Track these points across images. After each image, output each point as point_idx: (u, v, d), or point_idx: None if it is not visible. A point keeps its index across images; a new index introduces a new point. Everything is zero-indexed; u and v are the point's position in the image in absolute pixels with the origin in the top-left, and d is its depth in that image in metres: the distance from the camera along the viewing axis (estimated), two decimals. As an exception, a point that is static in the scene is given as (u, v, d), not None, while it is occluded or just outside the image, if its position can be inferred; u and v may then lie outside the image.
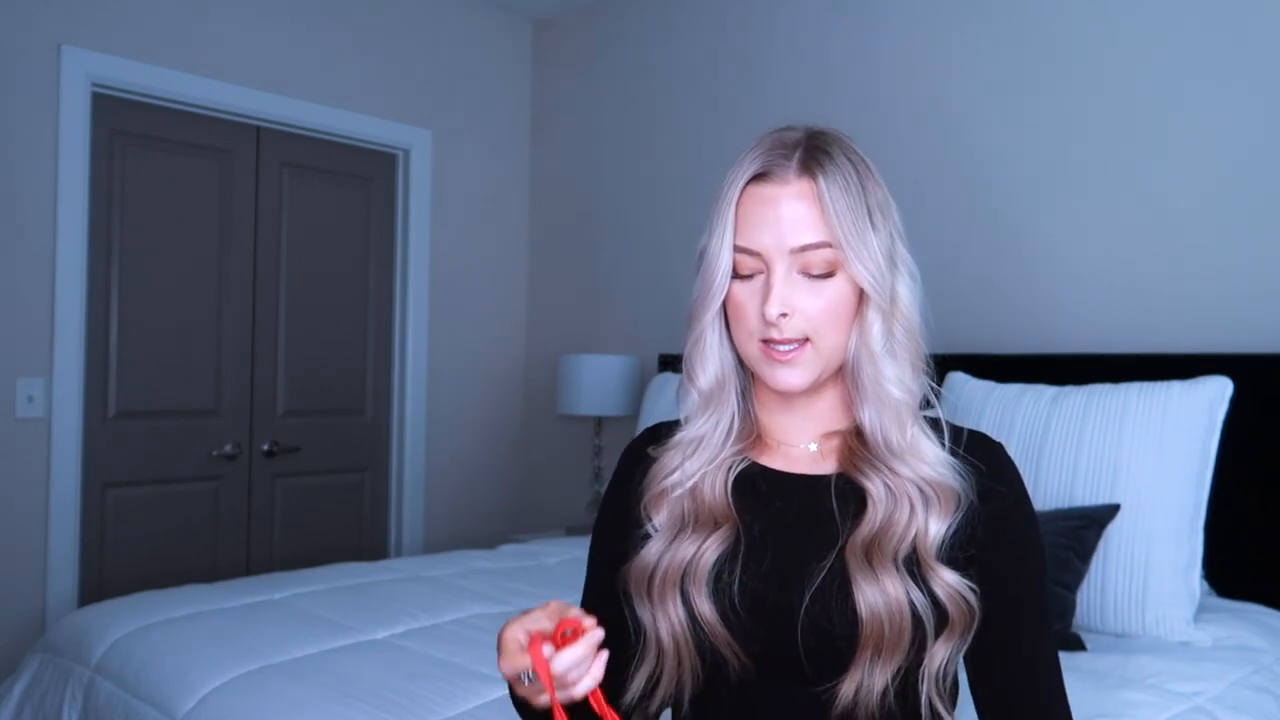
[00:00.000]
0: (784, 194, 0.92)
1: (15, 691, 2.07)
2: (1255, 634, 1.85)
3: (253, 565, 3.23)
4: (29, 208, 2.74)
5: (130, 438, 2.98)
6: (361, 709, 1.55)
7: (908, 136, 2.79)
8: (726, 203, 0.95)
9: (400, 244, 3.62)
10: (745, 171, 0.94)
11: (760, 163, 0.94)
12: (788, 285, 0.92)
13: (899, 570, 0.89)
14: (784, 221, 0.92)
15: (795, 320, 0.92)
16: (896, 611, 0.88)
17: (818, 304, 0.92)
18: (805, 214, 0.92)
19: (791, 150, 0.94)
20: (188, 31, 3.03)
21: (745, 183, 0.94)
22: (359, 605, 2.15)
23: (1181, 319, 2.33)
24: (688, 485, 0.98)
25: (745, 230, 0.94)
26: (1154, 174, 2.39)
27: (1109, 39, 2.46)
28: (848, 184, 0.92)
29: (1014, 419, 2.12)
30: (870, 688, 0.89)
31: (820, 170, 0.92)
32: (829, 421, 1.00)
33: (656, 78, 3.54)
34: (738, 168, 0.96)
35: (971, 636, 0.92)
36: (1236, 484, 2.03)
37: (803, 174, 0.93)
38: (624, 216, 3.62)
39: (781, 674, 0.93)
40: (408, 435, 3.60)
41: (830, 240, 0.91)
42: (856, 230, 0.91)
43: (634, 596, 0.98)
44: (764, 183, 0.94)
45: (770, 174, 0.93)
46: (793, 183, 0.93)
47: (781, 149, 0.94)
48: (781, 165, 0.93)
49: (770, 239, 0.92)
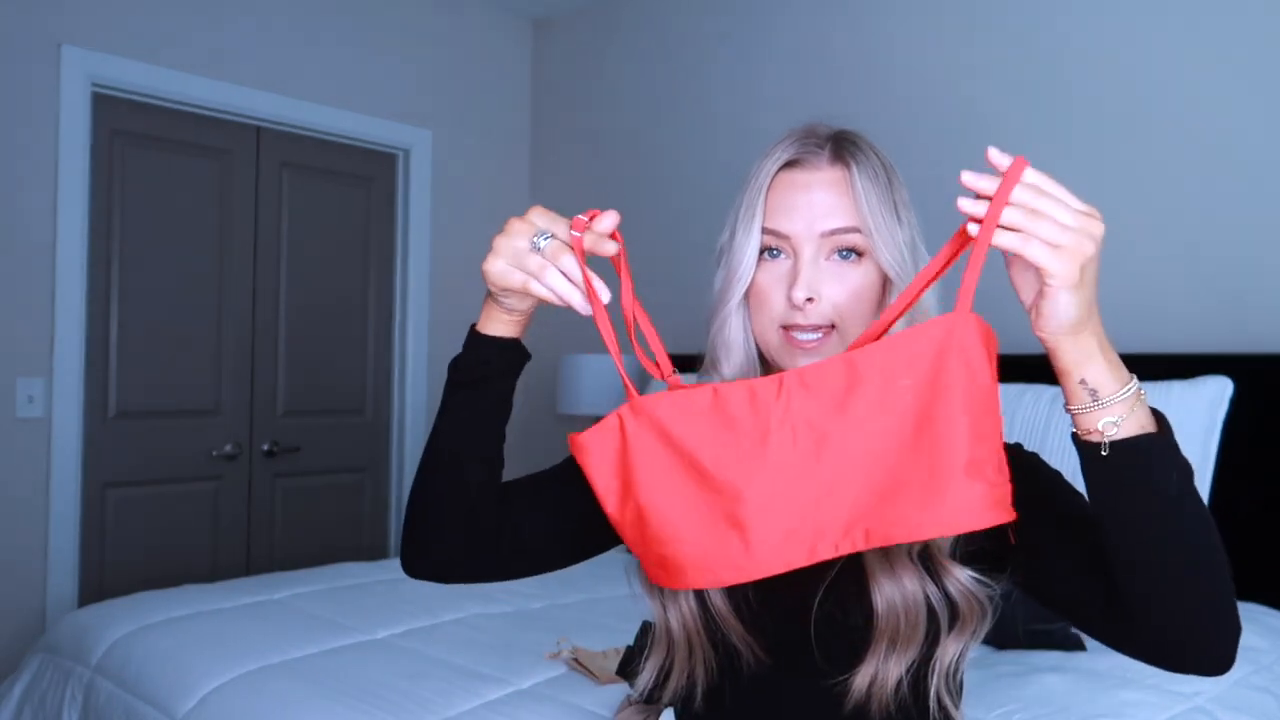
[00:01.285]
0: (816, 179, 0.94)
1: (15, 691, 2.07)
2: (1255, 634, 1.85)
3: (253, 565, 3.23)
4: (29, 208, 2.74)
5: (130, 438, 2.98)
6: (361, 709, 1.55)
7: (908, 135, 2.79)
8: (756, 189, 0.95)
9: (400, 244, 3.62)
10: (777, 159, 0.96)
11: (793, 150, 0.96)
12: (814, 270, 0.92)
13: (914, 564, 0.89)
14: (816, 206, 0.93)
15: (821, 306, 0.92)
16: (913, 606, 0.88)
17: (843, 291, 0.92)
18: (836, 200, 0.93)
19: (824, 141, 0.96)
20: (188, 31, 3.03)
21: (777, 170, 0.95)
22: (359, 605, 2.15)
23: (1181, 319, 2.33)
24: None
25: (775, 214, 0.94)
26: (1154, 174, 2.39)
27: (1109, 39, 2.46)
28: (877, 176, 0.94)
29: (1014, 419, 2.12)
30: (884, 681, 0.89)
31: (853, 159, 0.94)
32: None
33: (656, 77, 3.54)
34: (767, 156, 0.97)
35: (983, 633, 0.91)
36: (1236, 484, 2.03)
37: (835, 162, 0.94)
38: (624, 216, 3.62)
39: (794, 666, 0.93)
40: (408, 435, 3.60)
41: (859, 226, 0.92)
42: (885, 219, 0.93)
43: (643, 585, 0.97)
44: (796, 169, 0.95)
45: (803, 161, 0.95)
46: (825, 169, 0.94)
47: (814, 139, 0.96)
48: (815, 153, 0.95)
49: (801, 222, 0.93)
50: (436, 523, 0.94)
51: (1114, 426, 0.73)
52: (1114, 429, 0.73)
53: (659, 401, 0.80)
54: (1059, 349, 0.74)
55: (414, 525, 0.96)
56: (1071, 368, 0.74)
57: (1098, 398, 0.74)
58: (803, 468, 0.75)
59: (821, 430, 0.75)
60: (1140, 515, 0.74)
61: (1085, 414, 0.75)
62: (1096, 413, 0.74)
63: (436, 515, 0.94)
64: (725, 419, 0.78)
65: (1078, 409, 0.75)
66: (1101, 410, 0.74)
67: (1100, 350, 0.73)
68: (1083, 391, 0.74)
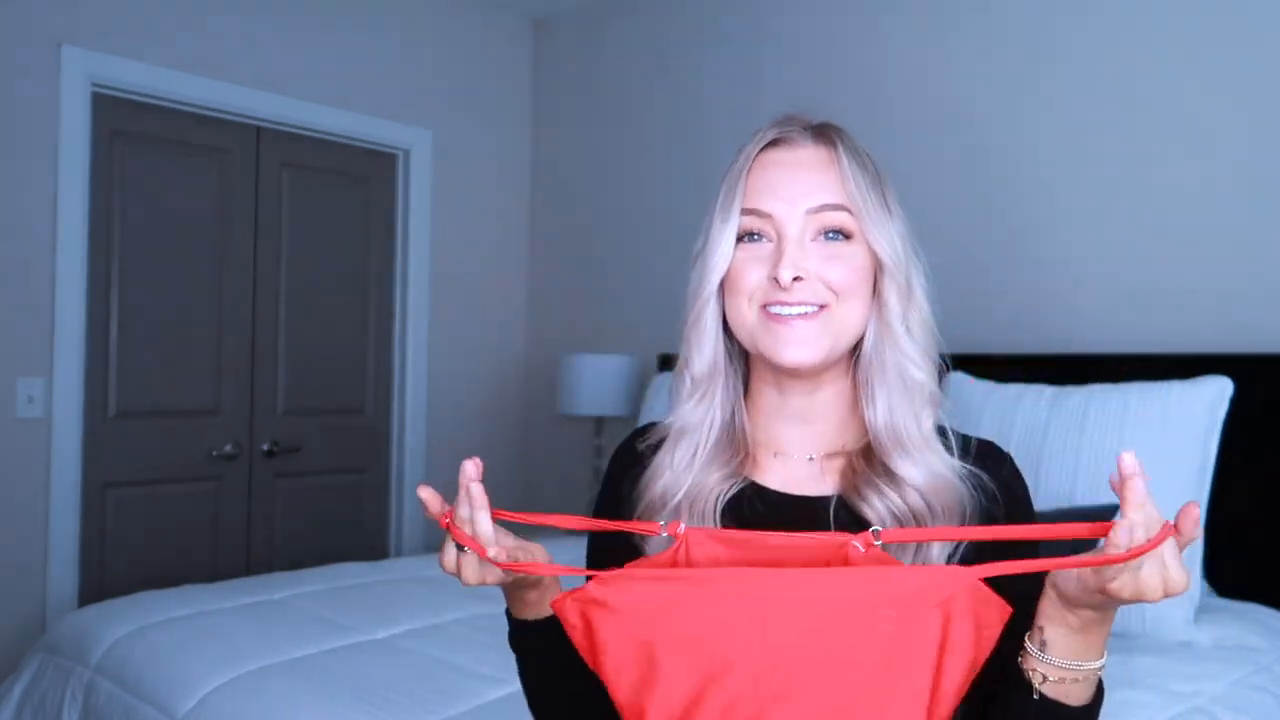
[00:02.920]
0: (800, 157, 0.89)
1: (15, 691, 2.07)
2: (1255, 634, 1.85)
3: (253, 565, 3.23)
4: (29, 208, 2.74)
5: (130, 438, 2.98)
6: (361, 709, 1.55)
7: (909, 135, 2.79)
8: (736, 173, 0.90)
9: (400, 244, 3.62)
10: (758, 141, 0.91)
11: (775, 133, 0.91)
12: (800, 249, 0.86)
13: None
14: (800, 183, 0.87)
15: (810, 284, 0.86)
16: None
17: (834, 270, 0.86)
18: (822, 178, 0.88)
19: (807, 124, 0.92)
20: (188, 31, 3.03)
21: (757, 152, 0.90)
22: (359, 605, 2.15)
23: (1181, 319, 2.33)
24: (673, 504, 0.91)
25: (755, 194, 0.88)
26: (1154, 174, 2.38)
27: (1109, 40, 2.46)
28: (864, 162, 0.90)
29: (1014, 419, 2.12)
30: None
31: (838, 139, 0.90)
32: (827, 428, 0.93)
33: (657, 77, 3.54)
34: (749, 143, 0.92)
35: None
36: (1236, 484, 2.03)
37: (820, 142, 0.90)
38: (624, 216, 3.62)
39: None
40: (408, 435, 3.60)
41: (847, 205, 0.87)
42: (874, 201, 0.88)
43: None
44: (778, 148, 0.90)
45: (786, 140, 0.90)
46: (809, 148, 0.90)
47: (797, 122, 0.92)
48: (798, 133, 0.91)
49: (784, 200, 0.87)
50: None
51: (1042, 679, 0.75)
52: (1041, 680, 0.76)
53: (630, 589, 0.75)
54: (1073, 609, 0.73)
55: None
56: (1052, 622, 0.75)
57: (1045, 651, 0.75)
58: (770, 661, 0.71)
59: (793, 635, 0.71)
60: None
61: (1025, 655, 0.77)
62: (1033, 660, 0.76)
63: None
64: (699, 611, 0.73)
65: (1027, 645, 0.77)
66: (1037, 662, 0.76)
67: (1097, 632, 0.75)
68: (1038, 636, 0.76)
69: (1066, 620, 0.74)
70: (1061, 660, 0.75)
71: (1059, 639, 0.75)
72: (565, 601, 0.77)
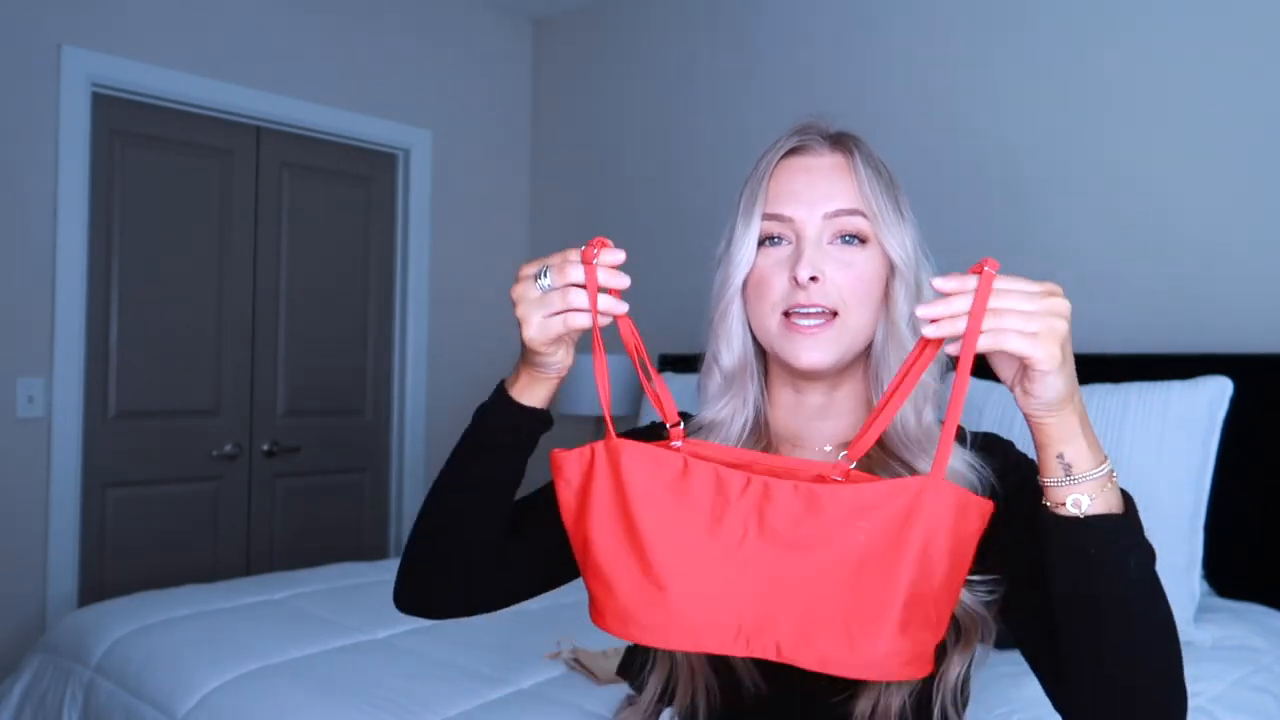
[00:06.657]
0: (818, 164, 0.95)
1: (15, 691, 2.07)
2: (1255, 634, 1.85)
3: (253, 565, 3.23)
4: (29, 208, 2.74)
5: (130, 438, 2.98)
6: (361, 709, 1.56)
7: (910, 136, 2.79)
8: (757, 179, 0.96)
9: (400, 244, 3.62)
10: (779, 148, 0.97)
11: (795, 141, 0.97)
12: (818, 251, 0.92)
13: None
14: (819, 188, 0.94)
15: (825, 287, 0.91)
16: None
17: (847, 275, 0.92)
18: (840, 184, 0.94)
19: (825, 132, 0.98)
20: (188, 31, 3.03)
21: (779, 159, 0.96)
22: (359, 605, 2.15)
23: (1181, 319, 2.33)
24: None
25: (777, 199, 0.95)
26: (1155, 174, 2.39)
27: (1109, 40, 2.46)
28: (879, 169, 0.96)
29: (1014, 419, 2.12)
30: (887, 706, 0.89)
31: (855, 148, 0.96)
32: (843, 424, 0.98)
33: (657, 77, 3.54)
34: (769, 149, 0.98)
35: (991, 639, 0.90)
36: (1236, 484, 2.03)
37: (837, 149, 0.96)
38: (624, 216, 3.62)
39: (796, 692, 0.92)
40: (408, 435, 3.60)
41: (863, 210, 0.93)
42: (888, 207, 0.94)
43: None
44: (799, 155, 0.96)
45: (805, 148, 0.96)
46: (828, 155, 0.96)
47: (816, 131, 0.98)
48: (817, 141, 0.97)
49: (804, 205, 0.93)
50: (438, 582, 0.96)
51: (1084, 503, 0.74)
52: (1083, 506, 0.75)
53: (630, 452, 0.80)
54: (1043, 425, 0.75)
55: (413, 574, 0.98)
56: (1051, 443, 0.75)
57: (1071, 473, 0.75)
58: (741, 565, 0.75)
59: (769, 540, 0.75)
60: (1095, 594, 0.75)
61: (1057, 488, 0.76)
62: (1068, 488, 0.75)
63: (439, 575, 0.96)
64: (684, 495, 0.78)
65: (1051, 483, 0.76)
66: (1073, 486, 0.75)
67: (1081, 427, 0.75)
68: (1058, 466, 0.75)
69: (1064, 424, 0.74)
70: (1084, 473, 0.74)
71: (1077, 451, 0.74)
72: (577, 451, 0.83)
